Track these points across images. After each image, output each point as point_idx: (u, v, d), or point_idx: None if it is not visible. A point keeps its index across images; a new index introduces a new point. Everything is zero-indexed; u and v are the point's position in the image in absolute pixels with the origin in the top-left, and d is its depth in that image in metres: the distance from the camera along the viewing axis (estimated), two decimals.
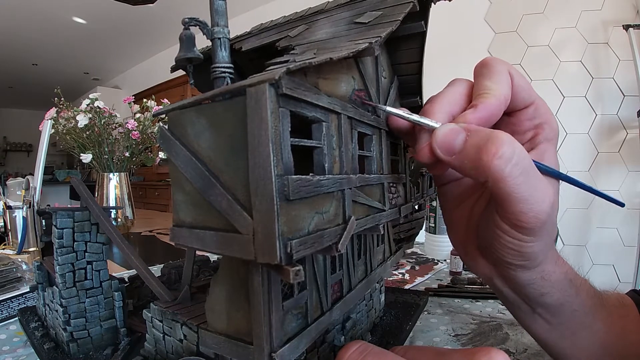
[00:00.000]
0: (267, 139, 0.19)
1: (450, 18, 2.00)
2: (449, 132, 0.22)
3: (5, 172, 5.44)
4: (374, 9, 0.33)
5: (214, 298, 0.27)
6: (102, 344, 0.42)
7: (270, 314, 0.23)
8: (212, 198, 0.22)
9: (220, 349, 0.26)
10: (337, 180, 0.26)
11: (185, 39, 0.30)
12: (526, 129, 0.26)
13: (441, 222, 0.88)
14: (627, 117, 1.90)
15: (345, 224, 0.27)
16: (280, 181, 0.19)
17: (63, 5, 3.02)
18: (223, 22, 0.30)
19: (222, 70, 0.29)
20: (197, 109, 0.23)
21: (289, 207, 0.20)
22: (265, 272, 0.22)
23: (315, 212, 0.23)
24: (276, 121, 0.20)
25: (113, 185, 1.26)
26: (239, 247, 0.21)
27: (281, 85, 0.20)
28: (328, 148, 0.26)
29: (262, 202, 0.19)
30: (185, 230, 0.24)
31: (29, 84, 5.09)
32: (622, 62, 1.90)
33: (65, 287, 0.40)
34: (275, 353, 0.23)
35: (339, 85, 0.30)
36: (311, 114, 0.24)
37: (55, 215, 0.39)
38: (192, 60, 0.31)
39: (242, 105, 0.20)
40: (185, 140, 0.23)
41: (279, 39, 0.37)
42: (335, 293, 0.33)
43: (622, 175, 1.93)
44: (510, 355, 0.42)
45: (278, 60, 0.27)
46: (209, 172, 0.22)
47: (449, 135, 0.22)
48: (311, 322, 0.28)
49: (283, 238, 0.19)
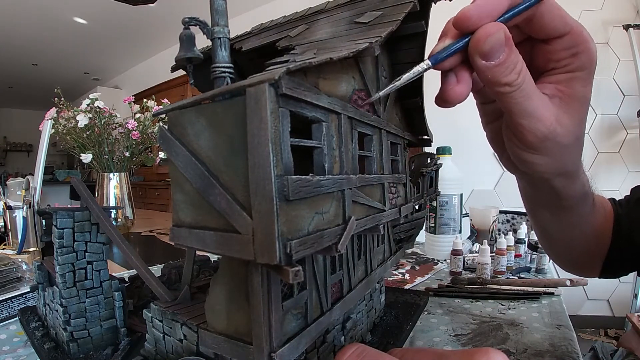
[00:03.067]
0: (266, 139, 0.19)
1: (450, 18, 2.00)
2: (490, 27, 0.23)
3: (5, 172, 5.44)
4: (374, 9, 0.33)
5: (214, 298, 0.27)
6: (102, 344, 0.42)
7: (270, 314, 0.23)
8: (212, 198, 0.22)
9: (220, 348, 0.26)
10: (337, 181, 0.26)
11: (185, 38, 0.30)
12: (561, 58, 0.27)
13: (441, 222, 0.88)
14: (627, 117, 1.90)
15: (345, 224, 0.27)
16: (280, 181, 0.19)
17: (63, 6, 3.02)
18: (223, 21, 0.30)
19: (222, 70, 0.29)
20: (196, 109, 0.23)
21: (289, 208, 0.20)
22: (265, 272, 0.22)
23: (315, 213, 0.23)
24: (276, 121, 0.20)
25: (113, 185, 1.26)
26: (238, 248, 0.21)
27: (281, 85, 0.20)
28: (328, 148, 0.26)
29: (261, 202, 0.19)
30: (184, 231, 0.24)
31: (29, 84, 5.09)
32: (622, 62, 1.90)
33: (65, 287, 0.40)
34: (274, 353, 0.23)
35: (339, 85, 0.30)
36: (311, 114, 0.24)
37: (56, 215, 0.39)
38: (191, 60, 0.31)
39: (241, 105, 0.20)
40: (184, 140, 0.23)
41: (279, 38, 0.37)
42: (335, 293, 0.33)
43: (622, 175, 1.93)
44: (510, 355, 0.42)
45: (278, 60, 0.27)
46: (208, 172, 0.22)
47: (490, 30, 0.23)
48: (311, 322, 0.28)
49: (282, 238, 0.19)
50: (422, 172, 0.52)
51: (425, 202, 0.55)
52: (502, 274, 0.73)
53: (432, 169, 0.55)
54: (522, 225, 0.87)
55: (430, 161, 0.56)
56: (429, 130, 0.52)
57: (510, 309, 0.56)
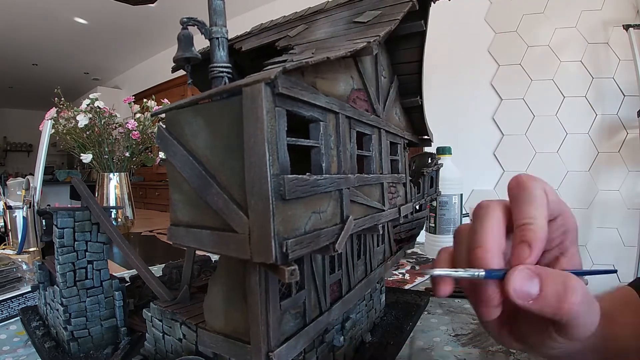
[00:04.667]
0: (262, 138, 0.19)
1: (450, 18, 2.01)
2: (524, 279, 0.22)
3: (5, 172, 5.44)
4: (373, 8, 0.33)
5: (212, 298, 0.27)
6: (102, 343, 0.42)
7: (268, 313, 0.23)
8: (209, 197, 0.22)
9: (218, 348, 0.26)
10: (335, 180, 0.26)
11: (183, 38, 0.30)
12: (555, 237, 0.27)
13: (441, 222, 0.88)
14: (627, 117, 1.90)
15: (343, 224, 0.27)
16: (276, 180, 0.19)
17: (63, 6, 3.02)
18: (221, 21, 0.30)
19: (220, 70, 0.29)
20: (193, 109, 0.23)
21: (285, 207, 0.20)
22: (262, 271, 0.22)
23: (312, 212, 0.23)
24: (272, 120, 0.20)
25: (113, 185, 1.26)
26: (235, 247, 0.21)
27: (277, 85, 0.20)
28: (326, 148, 0.26)
29: (257, 201, 0.19)
30: (182, 230, 0.24)
31: (29, 84, 5.09)
32: (622, 62, 1.90)
33: (66, 286, 0.40)
34: (272, 352, 0.23)
35: (337, 85, 0.30)
36: (308, 113, 0.24)
37: (56, 215, 0.39)
38: (189, 60, 0.31)
39: (238, 105, 0.20)
40: (182, 139, 0.23)
41: (279, 38, 0.37)
42: (334, 293, 0.33)
43: (622, 175, 1.93)
44: (510, 355, 0.42)
45: (276, 60, 0.27)
46: (205, 171, 0.22)
47: (525, 283, 0.22)
48: (309, 322, 0.28)
49: (279, 237, 0.19)
50: (422, 172, 0.52)
51: (426, 202, 0.55)
52: None
53: (432, 169, 0.55)
54: None
55: (431, 161, 0.56)
56: (429, 130, 0.52)
57: None
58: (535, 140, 2.07)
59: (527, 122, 2.08)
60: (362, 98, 0.34)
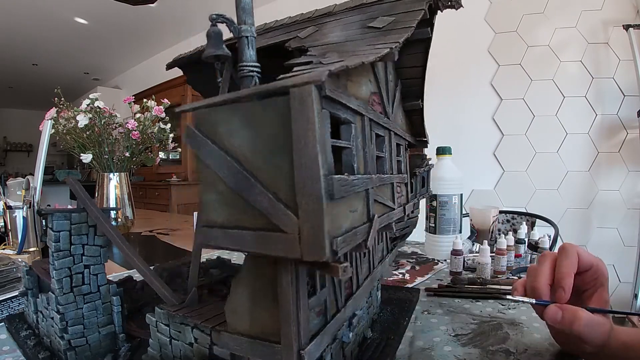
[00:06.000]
0: (314, 140, 0.19)
1: (450, 18, 2.00)
2: (553, 312, 0.37)
3: (5, 172, 5.44)
4: (385, 14, 0.33)
5: (236, 300, 0.26)
6: (100, 351, 0.40)
7: (299, 312, 0.23)
8: (252, 198, 0.21)
9: (242, 350, 0.26)
10: (364, 180, 0.27)
11: (214, 35, 0.30)
12: (588, 281, 0.41)
13: (441, 222, 0.88)
14: (627, 117, 1.90)
15: (370, 222, 0.27)
16: (326, 181, 0.20)
17: (63, 6, 3.02)
18: (250, 20, 0.29)
19: (249, 69, 0.29)
20: (230, 108, 0.22)
21: (333, 206, 0.20)
22: (294, 271, 0.22)
23: (349, 211, 0.24)
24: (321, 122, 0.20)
25: (113, 185, 1.26)
26: (282, 246, 0.21)
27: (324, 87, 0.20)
28: (356, 149, 0.26)
29: (308, 201, 0.19)
30: (217, 231, 0.23)
31: (29, 84, 5.09)
32: (622, 62, 1.90)
33: (62, 293, 0.38)
34: (303, 350, 0.23)
35: (361, 88, 0.30)
36: (344, 115, 0.25)
37: (52, 217, 0.37)
38: (219, 57, 0.31)
39: (283, 106, 0.19)
40: (215, 138, 0.23)
41: (288, 39, 0.37)
42: (347, 290, 0.33)
43: (622, 175, 1.93)
44: (510, 355, 0.42)
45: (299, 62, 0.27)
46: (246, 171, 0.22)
47: (553, 314, 0.37)
48: (330, 319, 0.29)
49: (329, 236, 0.19)
50: (415, 172, 0.52)
51: (419, 202, 0.56)
52: (502, 274, 0.73)
53: (424, 169, 0.56)
54: (522, 225, 0.87)
55: (423, 162, 0.57)
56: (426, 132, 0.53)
57: (510, 309, 0.56)
58: (535, 140, 2.07)
59: (527, 122, 2.08)
60: (377, 101, 0.35)
